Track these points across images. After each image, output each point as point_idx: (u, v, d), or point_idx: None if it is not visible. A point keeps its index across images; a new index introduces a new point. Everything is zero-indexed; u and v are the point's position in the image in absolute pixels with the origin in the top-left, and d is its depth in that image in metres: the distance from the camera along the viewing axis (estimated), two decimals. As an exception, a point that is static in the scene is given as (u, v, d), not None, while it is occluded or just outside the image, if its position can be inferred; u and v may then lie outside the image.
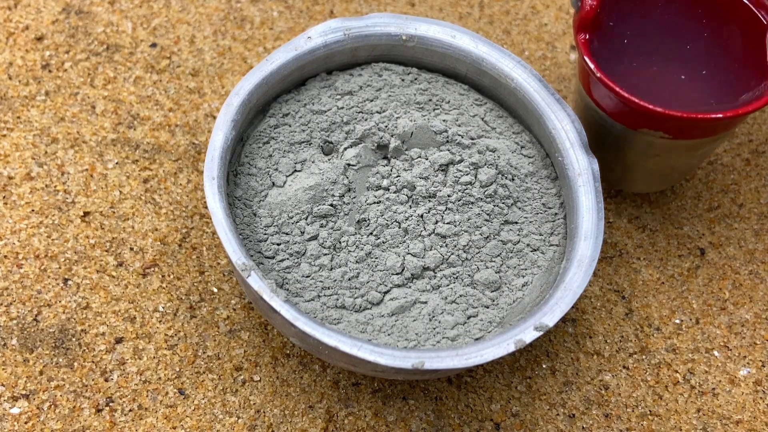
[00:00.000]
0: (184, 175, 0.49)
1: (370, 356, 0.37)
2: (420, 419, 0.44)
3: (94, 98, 0.51)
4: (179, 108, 0.51)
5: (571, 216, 0.43)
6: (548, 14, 0.58)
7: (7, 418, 0.42)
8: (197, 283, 0.46)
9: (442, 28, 0.46)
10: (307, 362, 0.45)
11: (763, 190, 0.52)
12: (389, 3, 0.57)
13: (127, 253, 0.47)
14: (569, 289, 0.40)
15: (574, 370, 0.46)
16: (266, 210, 0.42)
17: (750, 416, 0.45)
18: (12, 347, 0.44)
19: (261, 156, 0.44)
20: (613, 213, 0.51)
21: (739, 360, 0.46)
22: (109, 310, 0.45)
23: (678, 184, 0.52)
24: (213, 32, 0.55)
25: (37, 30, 0.53)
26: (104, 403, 0.43)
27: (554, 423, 0.44)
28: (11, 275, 0.45)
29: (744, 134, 0.54)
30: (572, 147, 0.44)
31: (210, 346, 0.45)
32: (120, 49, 0.53)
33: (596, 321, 0.47)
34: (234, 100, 0.42)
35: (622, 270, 0.49)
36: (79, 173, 0.49)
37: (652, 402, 0.45)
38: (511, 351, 0.38)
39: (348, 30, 0.45)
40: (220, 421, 0.43)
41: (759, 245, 0.50)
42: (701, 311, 0.48)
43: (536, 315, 0.39)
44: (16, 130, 0.50)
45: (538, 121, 0.45)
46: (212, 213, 0.39)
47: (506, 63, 0.46)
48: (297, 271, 0.41)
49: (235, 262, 0.38)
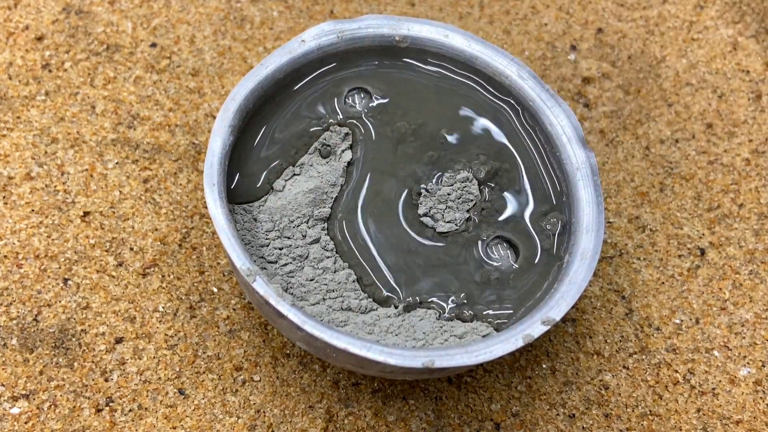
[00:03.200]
0: (184, 175, 0.49)
1: (380, 357, 0.37)
2: (420, 419, 0.44)
3: (94, 98, 0.51)
4: (179, 108, 0.51)
5: (571, 210, 0.43)
6: (548, 14, 0.58)
7: (7, 418, 0.42)
8: (197, 283, 0.46)
9: (435, 28, 0.46)
10: (307, 362, 0.45)
11: (763, 190, 0.52)
12: (389, 3, 0.57)
13: (127, 253, 0.47)
14: (574, 283, 0.40)
15: (574, 370, 0.46)
16: (267, 215, 0.42)
17: (750, 416, 0.45)
18: (12, 347, 0.44)
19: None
20: (613, 213, 0.51)
21: (739, 360, 0.46)
22: (109, 310, 0.45)
23: (678, 184, 0.52)
24: (213, 32, 0.55)
25: (37, 30, 0.53)
26: (104, 403, 0.43)
27: (554, 423, 0.44)
28: (11, 275, 0.45)
29: (744, 134, 0.54)
30: (569, 142, 0.44)
31: (210, 346, 0.45)
32: (120, 49, 0.53)
33: (596, 321, 0.47)
34: (231, 106, 0.43)
35: (622, 270, 0.49)
36: (79, 173, 0.49)
37: (652, 402, 0.45)
38: (519, 346, 0.38)
39: (341, 32, 0.46)
40: (220, 421, 0.43)
41: (759, 245, 0.50)
42: (701, 311, 0.48)
43: (542, 309, 0.39)
44: (16, 130, 0.50)
45: (534, 117, 0.45)
46: (214, 219, 0.39)
47: (500, 61, 0.46)
48: (301, 275, 0.41)
49: (240, 268, 0.38)
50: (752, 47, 0.57)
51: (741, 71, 0.56)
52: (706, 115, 0.54)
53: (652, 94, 0.55)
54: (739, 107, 0.55)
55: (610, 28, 0.57)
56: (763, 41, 0.57)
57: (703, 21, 0.58)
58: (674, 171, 0.52)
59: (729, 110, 0.54)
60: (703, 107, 0.55)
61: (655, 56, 0.56)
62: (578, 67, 0.55)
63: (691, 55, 0.57)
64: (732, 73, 0.56)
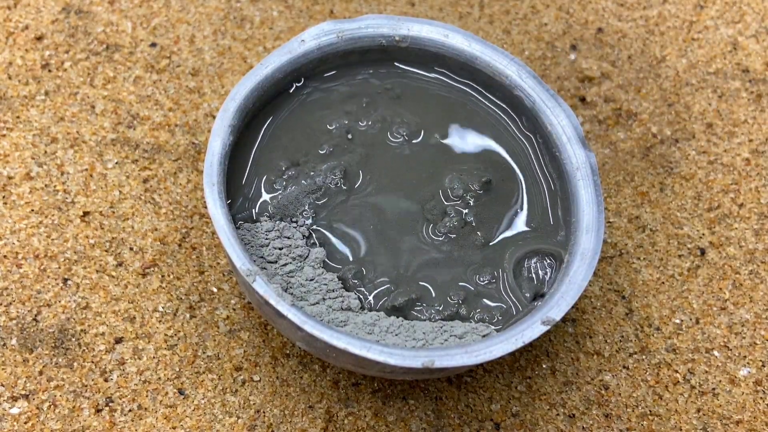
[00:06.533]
0: (183, 175, 0.49)
1: (380, 357, 0.37)
2: (420, 419, 0.44)
3: (93, 98, 0.51)
4: (179, 108, 0.51)
5: (571, 210, 0.43)
6: (548, 14, 0.58)
7: (6, 418, 0.42)
8: (197, 283, 0.46)
9: (434, 28, 0.46)
10: (307, 362, 0.45)
11: (763, 190, 0.52)
12: (389, 3, 0.57)
13: (127, 253, 0.47)
14: (574, 282, 0.40)
15: (574, 370, 0.46)
16: (267, 215, 0.42)
17: (750, 416, 0.45)
18: (11, 347, 0.43)
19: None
20: (613, 213, 0.51)
21: (739, 360, 0.46)
22: (109, 310, 0.45)
23: (678, 184, 0.52)
24: (213, 32, 0.55)
25: (37, 30, 0.53)
26: (104, 403, 0.43)
27: (554, 423, 0.44)
28: (11, 275, 0.45)
29: (744, 134, 0.54)
30: (569, 142, 0.44)
31: (210, 346, 0.45)
32: (120, 49, 0.53)
33: (596, 321, 0.47)
34: (230, 105, 0.43)
35: (622, 270, 0.49)
36: (78, 173, 0.49)
37: (652, 402, 0.45)
38: (519, 346, 0.38)
39: (341, 32, 0.46)
40: (220, 421, 0.43)
41: (759, 245, 0.50)
42: (701, 311, 0.48)
43: (542, 309, 0.39)
44: (15, 130, 0.50)
45: (534, 117, 0.45)
46: (213, 219, 0.39)
47: (500, 60, 0.46)
48: (300, 275, 0.41)
49: (240, 268, 0.38)
50: (752, 47, 0.57)
51: (741, 71, 0.56)
52: (706, 115, 0.54)
53: (652, 94, 0.55)
54: (739, 107, 0.55)
55: (610, 27, 0.57)
56: (763, 41, 0.57)
57: (703, 21, 0.58)
58: (674, 171, 0.52)
59: (729, 110, 0.54)
60: (703, 107, 0.55)
61: (655, 56, 0.56)
62: (578, 67, 0.55)
63: (691, 55, 0.57)
64: (732, 73, 0.56)
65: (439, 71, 0.47)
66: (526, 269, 0.43)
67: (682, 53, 0.57)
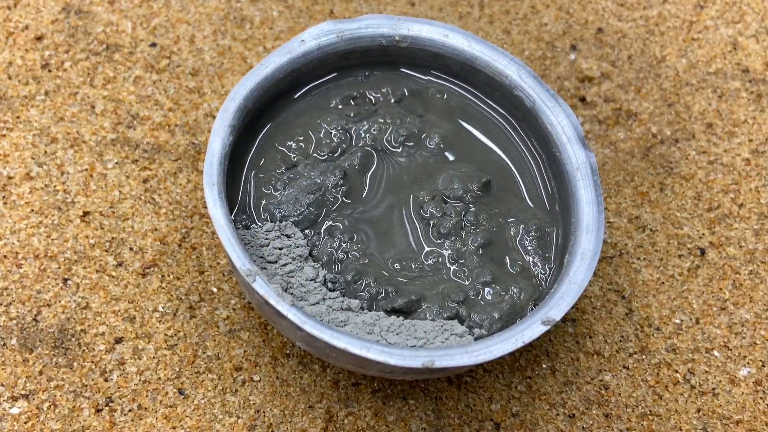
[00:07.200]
0: (183, 175, 0.49)
1: (380, 357, 0.37)
2: (420, 419, 0.44)
3: (93, 98, 0.51)
4: (179, 108, 0.51)
5: (571, 210, 0.43)
6: (548, 14, 0.58)
7: (6, 418, 0.42)
8: (197, 283, 0.46)
9: (434, 28, 0.46)
10: (307, 362, 0.45)
11: (763, 190, 0.52)
12: (389, 3, 0.57)
13: (127, 253, 0.47)
14: (574, 282, 0.40)
15: (574, 370, 0.46)
16: (267, 215, 0.42)
17: (750, 416, 0.45)
18: (11, 347, 0.43)
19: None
20: (613, 213, 0.51)
21: (739, 360, 0.46)
22: (109, 310, 0.45)
23: (678, 184, 0.52)
24: (213, 32, 0.55)
25: (37, 30, 0.53)
26: (104, 403, 0.43)
27: (554, 423, 0.44)
28: (11, 275, 0.45)
29: (744, 134, 0.54)
30: (569, 142, 0.44)
31: (210, 346, 0.45)
32: (120, 49, 0.53)
33: (596, 321, 0.47)
34: (230, 105, 0.42)
35: (622, 270, 0.49)
36: (78, 173, 0.49)
37: (652, 402, 0.45)
38: (519, 346, 0.38)
39: (341, 32, 0.46)
40: (220, 421, 0.43)
41: (759, 245, 0.50)
42: (701, 311, 0.48)
43: (542, 309, 0.39)
44: (15, 130, 0.50)
45: (534, 117, 0.45)
46: (213, 219, 0.39)
47: (500, 61, 0.46)
48: (300, 275, 0.41)
49: (240, 268, 0.38)
50: (752, 47, 0.57)
51: (741, 71, 0.56)
52: (706, 115, 0.54)
53: (652, 94, 0.55)
54: (739, 107, 0.55)
55: (610, 27, 0.57)
56: (763, 41, 0.57)
57: (703, 21, 0.58)
58: (674, 171, 0.52)
59: (729, 110, 0.54)
60: (703, 107, 0.55)
61: (655, 56, 0.56)
62: (578, 67, 0.55)
63: (691, 55, 0.57)
64: (732, 73, 0.56)
65: (438, 72, 0.47)
66: (526, 269, 0.43)
67: (682, 53, 0.57)
